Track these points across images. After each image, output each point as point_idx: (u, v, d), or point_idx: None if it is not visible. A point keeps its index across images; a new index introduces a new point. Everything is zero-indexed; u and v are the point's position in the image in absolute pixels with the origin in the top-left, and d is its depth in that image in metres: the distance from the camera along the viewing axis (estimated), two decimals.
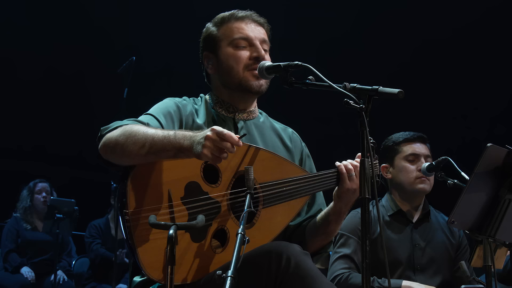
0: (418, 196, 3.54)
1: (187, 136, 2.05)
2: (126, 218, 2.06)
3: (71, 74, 6.90)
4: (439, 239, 3.54)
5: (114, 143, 2.12)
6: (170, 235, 1.90)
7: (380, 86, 1.98)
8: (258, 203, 2.29)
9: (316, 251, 2.53)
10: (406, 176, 3.50)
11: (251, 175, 2.08)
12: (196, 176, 2.20)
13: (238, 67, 2.44)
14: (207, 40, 2.55)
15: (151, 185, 2.12)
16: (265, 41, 2.51)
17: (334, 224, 2.45)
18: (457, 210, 2.42)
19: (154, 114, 2.35)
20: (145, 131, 2.12)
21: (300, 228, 2.54)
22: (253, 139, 2.48)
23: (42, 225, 6.34)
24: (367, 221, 1.94)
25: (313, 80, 2.16)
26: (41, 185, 6.45)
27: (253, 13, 2.55)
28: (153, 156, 2.09)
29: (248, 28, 2.49)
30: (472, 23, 6.22)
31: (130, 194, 2.09)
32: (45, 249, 6.29)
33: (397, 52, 6.49)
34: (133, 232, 2.07)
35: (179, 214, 2.13)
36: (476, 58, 6.39)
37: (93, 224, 6.56)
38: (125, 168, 2.14)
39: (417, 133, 3.60)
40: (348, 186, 2.38)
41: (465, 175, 3.07)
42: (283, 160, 2.43)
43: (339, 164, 2.41)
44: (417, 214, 3.56)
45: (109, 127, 2.21)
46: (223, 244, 2.22)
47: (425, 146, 3.57)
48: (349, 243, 3.40)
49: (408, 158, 3.52)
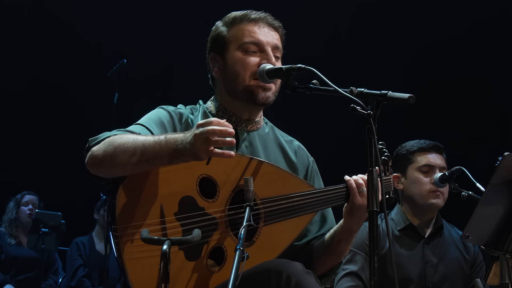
0: (430, 210, 3.52)
1: (178, 140, 2.02)
2: (115, 234, 2.05)
3: (59, 83, 6.91)
4: (453, 255, 3.52)
5: (102, 156, 2.10)
6: (163, 250, 1.89)
7: (390, 91, 1.98)
8: (259, 219, 2.27)
9: (324, 272, 2.49)
10: (419, 189, 3.46)
11: (250, 187, 2.06)
12: (191, 191, 2.18)
13: (244, 74, 2.39)
14: (215, 41, 2.49)
15: (142, 200, 2.11)
16: (277, 48, 2.45)
17: (344, 243, 2.42)
18: (472, 224, 2.41)
19: (145, 124, 2.31)
20: (134, 138, 2.09)
21: (308, 247, 2.50)
22: (255, 151, 2.45)
23: (26, 240, 6.32)
24: (375, 236, 1.92)
25: (317, 84, 2.16)
26: (28, 197, 6.44)
27: (268, 15, 2.49)
28: (145, 164, 2.07)
29: (261, 32, 2.44)
30: (479, 22, 6.24)
31: (120, 208, 2.07)
32: (30, 266, 6.26)
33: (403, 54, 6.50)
34: (122, 249, 2.05)
35: (172, 230, 2.12)
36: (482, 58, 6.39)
37: (76, 242, 6.51)
38: (115, 181, 2.12)
39: (433, 142, 3.56)
40: (359, 202, 2.34)
41: (481, 187, 3.06)
42: (287, 174, 2.40)
43: (348, 178, 2.38)
44: (429, 229, 3.54)
45: (97, 138, 2.18)
46: (220, 263, 2.20)
47: (441, 157, 3.54)
48: (356, 259, 3.37)
49: (422, 169, 3.48)
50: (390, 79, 5.83)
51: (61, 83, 6.84)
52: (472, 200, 3.21)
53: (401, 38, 6.39)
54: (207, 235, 2.17)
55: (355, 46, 6.57)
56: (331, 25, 6.49)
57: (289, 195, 2.33)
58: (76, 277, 6.29)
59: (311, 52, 6.05)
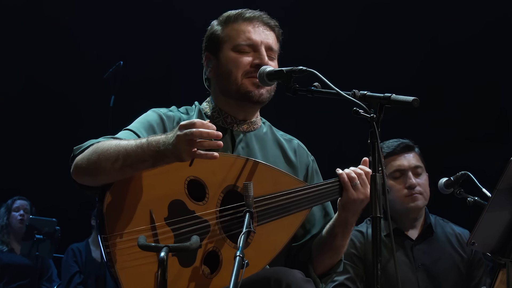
0: (412, 214, 3.45)
1: (160, 142, 2.03)
2: (105, 244, 2.04)
3: (54, 85, 6.91)
4: (447, 254, 3.43)
5: (86, 164, 2.11)
6: (161, 258, 1.88)
7: (393, 94, 1.98)
8: (252, 220, 2.27)
9: (324, 272, 2.48)
10: (395, 196, 3.40)
11: (250, 192, 2.06)
12: (180, 194, 2.17)
13: (237, 72, 2.41)
14: (210, 40, 2.52)
15: (131, 206, 2.10)
16: (271, 49, 2.47)
17: (340, 238, 2.41)
18: (477, 230, 2.41)
19: (134, 129, 2.32)
20: (117, 144, 2.09)
21: (307, 244, 2.49)
22: (252, 152, 2.46)
23: (19, 247, 6.30)
24: (378, 243, 1.92)
25: (319, 87, 2.16)
26: (19, 202, 6.42)
27: (263, 14, 2.51)
28: (129, 169, 2.07)
29: (255, 32, 2.46)
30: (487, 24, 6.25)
31: (108, 216, 2.06)
32: (24, 274, 6.24)
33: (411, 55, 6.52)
34: (114, 259, 2.04)
35: (163, 236, 2.11)
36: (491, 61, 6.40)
37: (72, 248, 6.50)
38: (102, 189, 2.11)
39: (401, 142, 3.48)
40: (354, 196, 2.33)
41: (487, 192, 3.06)
42: (278, 171, 2.39)
43: (340, 172, 2.37)
44: (416, 230, 3.47)
45: (81, 146, 2.19)
46: (215, 268, 2.19)
47: (412, 154, 3.47)
48: (344, 270, 3.30)
49: (393, 175, 3.42)
50: (392, 81, 5.84)
51: (56, 86, 6.84)
52: (478, 206, 3.20)
53: (403, 40, 6.40)
54: (200, 238, 2.14)
55: (357, 48, 6.57)
56: (333, 27, 6.49)
57: (281, 192, 2.32)
58: (72, 285, 6.28)
59: (313, 54, 6.05)
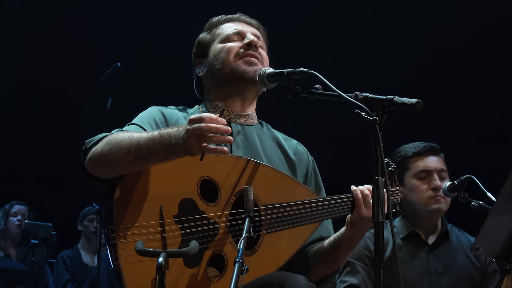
0: (433, 217, 3.49)
1: (172, 135, 2.05)
2: (111, 235, 2.05)
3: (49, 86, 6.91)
4: (461, 262, 3.47)
5: (100, 156, 2.13)
6: (159, 263, 1.89)
7: (396, 96, 1.98)
8: (261, 227, 2.27)
9: (320, 280, 2.49)
10: (418, 197, 3.45)
11: (250, 196, 2.06)
12: (192, 193, 2.18)
13: (228, 56, 2.51)
14: (199, 47, 2.65)
15: (141, 200, 2.11)
16: (259, 37, 2.59)
17: (343, 252, 2.43)
18: (482, 235, 2.41)
19: (139, 123, 2.37)
20: (129, 136, 2.12)
21: (303, 253, 2.51)
22: (251, 145, 2.48)
23: (15, 252, 6.30)
24: (380, 247, 1.92)
25: (320, 89, 2.16)
26: (17, 207, 6.41)
27: (243, 15, 2.67)
28: (141, 162, 2.09)
29: (241, 26, 2.61)
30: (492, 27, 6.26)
31: (118, 208, 2.07)
32: (20, 279, 6.23)
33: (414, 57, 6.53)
34: (118, 252, 2.05)
35: (171, 234, 2.12)
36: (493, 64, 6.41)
37: (61, 256, 6.48)
38: (113, 182, 2.14)
39: (428, 144, 3.53)
40: (364, 214, 2.35)
41: (492, 196, 3.05)
42: (292, 180, 2.41)
43: (355, 188, 2.39)
44: (433, 235, 3.51)
45: (93, 139, 2.22)
46: (220, 271, 2.20)
47: (438, 158, 3.51)
48: (356, 271, 3.35)
49: (419, 176, 3.47)
50: (395, 83, 5.85)
51: (53, 85, 6.84)
52: (483, 211, 3.20)
53: (406, 43, 6.41)
54: (207, 240, 2.17)
55: (359, 51, 6.58)
56: (334, 30, 6.50)
57: (293, 203, 2.33)
58: None
59: (314, 57, 6.06)
